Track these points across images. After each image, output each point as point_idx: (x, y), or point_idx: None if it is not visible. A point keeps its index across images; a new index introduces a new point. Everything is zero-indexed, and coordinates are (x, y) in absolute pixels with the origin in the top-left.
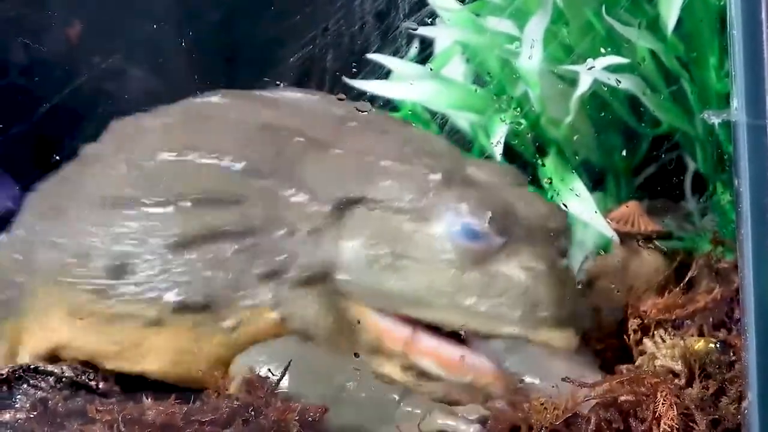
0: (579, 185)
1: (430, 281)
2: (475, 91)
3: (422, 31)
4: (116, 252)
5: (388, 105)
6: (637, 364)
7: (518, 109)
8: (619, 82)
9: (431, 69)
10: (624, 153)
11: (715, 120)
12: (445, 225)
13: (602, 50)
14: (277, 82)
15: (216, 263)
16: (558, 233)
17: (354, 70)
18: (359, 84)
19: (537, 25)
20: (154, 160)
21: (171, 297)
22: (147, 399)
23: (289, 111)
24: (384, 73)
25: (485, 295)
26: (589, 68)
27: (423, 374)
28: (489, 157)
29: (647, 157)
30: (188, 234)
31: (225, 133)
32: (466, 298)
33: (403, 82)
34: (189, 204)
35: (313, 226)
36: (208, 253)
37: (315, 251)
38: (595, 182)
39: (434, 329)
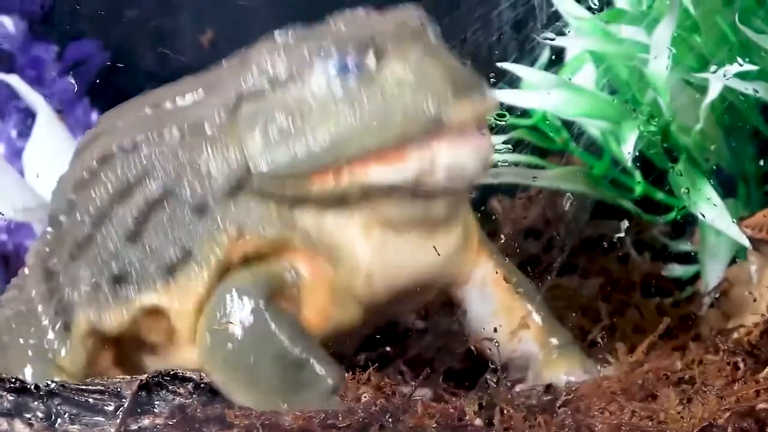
0: (712, 192)
1: (333, 122)
2: (613, 101)
3: (557, 41)
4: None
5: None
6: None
7: (651, 117)
8: (757, 91)
9: (568, 80)
10: (761, 162)
11: None
12: (321, 75)
13: (738, 60)
14: None
15: (163, 225)
16: (420, 31)
17: (492, 80)
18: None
19: (664, 31)
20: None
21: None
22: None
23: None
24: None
25: (385, 106)
26: (725, 76)
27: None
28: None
29: None
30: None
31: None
32: (371, 118)
33: (534, 90)
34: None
35: (213, 146)
36: (156, 225)
37: (226, 163)
38: (726, 189)
39: None
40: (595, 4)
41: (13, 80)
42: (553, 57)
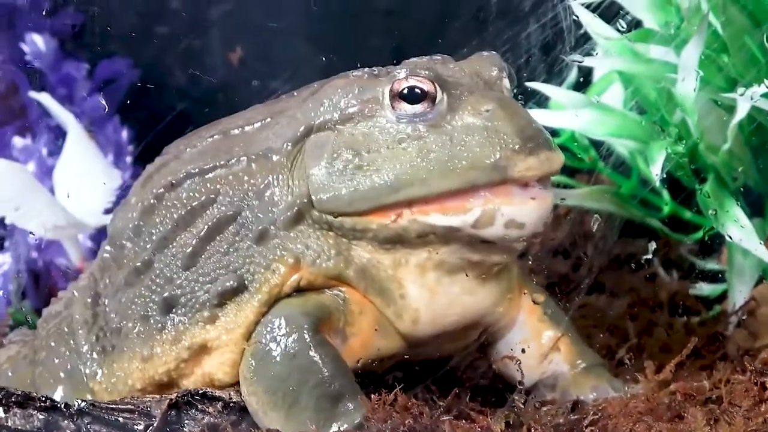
0: (740, 213)
1: (399, 161)
2: (641, 121)
3: (586, 62)
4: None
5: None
6: None
7: (679, 138)
8: None
9: (597, 101)
10: None
11: None
12: (388, 106)
13: (765, 81)
14: None
15: (223, 252)
16: (494, 80)
17: (521, 101)
18: None
19: (693, 52)
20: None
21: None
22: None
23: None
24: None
25: (453, 151)
26: (752, 98)
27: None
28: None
29: None
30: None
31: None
32: (437, 161)
33: (562, 110)
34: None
35: (279, 173)
36: (214, 251)
37: (290, 192)
38: (754, 208)
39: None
40: (622, 26)
41: (44, 98)
42: (581, 79)
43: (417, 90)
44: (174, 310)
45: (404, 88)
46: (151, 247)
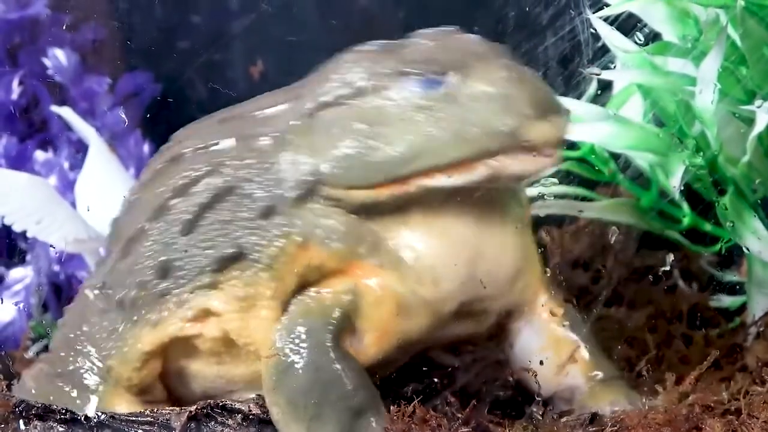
0: (758, 225)
1: (412, 133)
2: (658, 135)
3: (604, 75)
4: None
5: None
6: None
7: (698, 150)
8: None
9: (614, 114)
10: None
11: None
12: (404, 88)
13: None
14: None
15: (224, 221)
16: (503, 51)
17: None
18: None
19: (711, 64)
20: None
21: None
22: None
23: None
24: None
25: (466, 120)
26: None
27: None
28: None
29: None
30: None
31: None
32: (450, 130)
33: (581, 123)
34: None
35: (286, 150)
36: (214, 219)
37: (298, 169)
38: None
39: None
40: (640, 39)
41: (66, 112)
42: (599, 92)
43: (430, 77)
44: (173, 278)
45: (418, 78)
46: (146, 216)
